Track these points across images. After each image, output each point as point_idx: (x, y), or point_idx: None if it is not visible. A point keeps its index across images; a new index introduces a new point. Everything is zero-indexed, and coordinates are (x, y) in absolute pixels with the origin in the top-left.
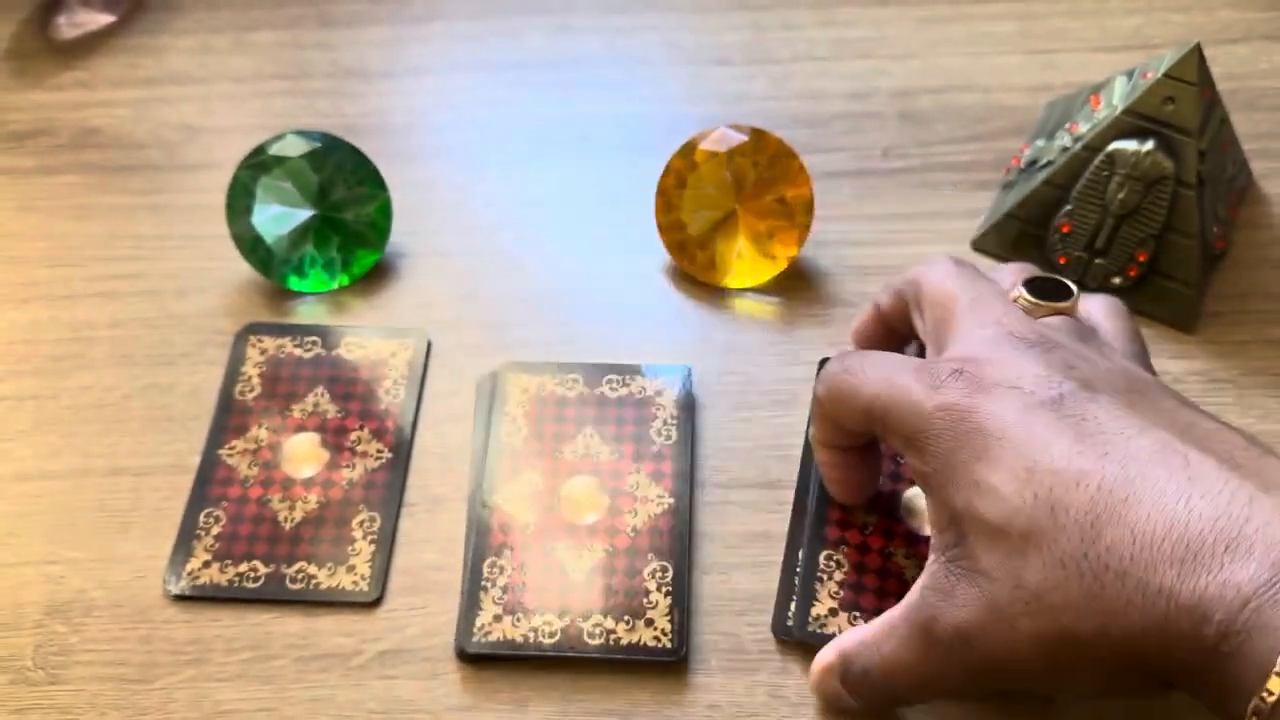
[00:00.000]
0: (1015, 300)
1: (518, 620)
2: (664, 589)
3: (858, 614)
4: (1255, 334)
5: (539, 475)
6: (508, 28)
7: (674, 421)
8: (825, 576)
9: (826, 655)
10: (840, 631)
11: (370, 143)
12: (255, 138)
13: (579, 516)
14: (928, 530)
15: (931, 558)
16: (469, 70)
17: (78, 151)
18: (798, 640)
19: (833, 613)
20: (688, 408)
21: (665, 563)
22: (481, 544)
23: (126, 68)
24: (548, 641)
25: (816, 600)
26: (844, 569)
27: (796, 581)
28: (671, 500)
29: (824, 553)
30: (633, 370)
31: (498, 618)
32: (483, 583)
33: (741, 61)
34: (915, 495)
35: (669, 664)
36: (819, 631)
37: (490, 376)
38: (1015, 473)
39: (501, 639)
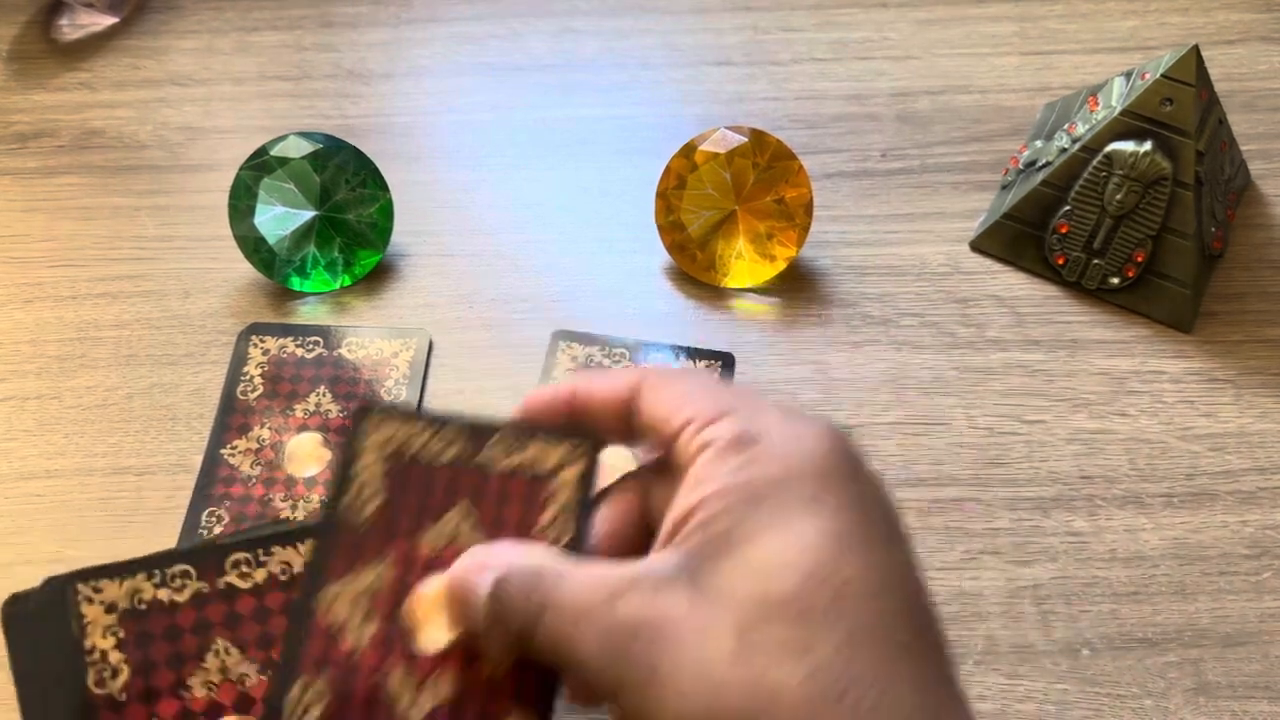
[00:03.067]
0: None
1: None
2: None
3: None
4: (1252, 334)
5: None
6: (508, 30)
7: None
8: None
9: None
10: None
11: (372, 144)
12: (257, 139)
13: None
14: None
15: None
16: (470, 72)
17: (80, 153)
18: None
19: None
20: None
21: None
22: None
23: (129, 69)
24: None
25: None
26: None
27: None
28: None
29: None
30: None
31: None
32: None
33: (741, 63)
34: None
35: None
36: None
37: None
38: None
39: None
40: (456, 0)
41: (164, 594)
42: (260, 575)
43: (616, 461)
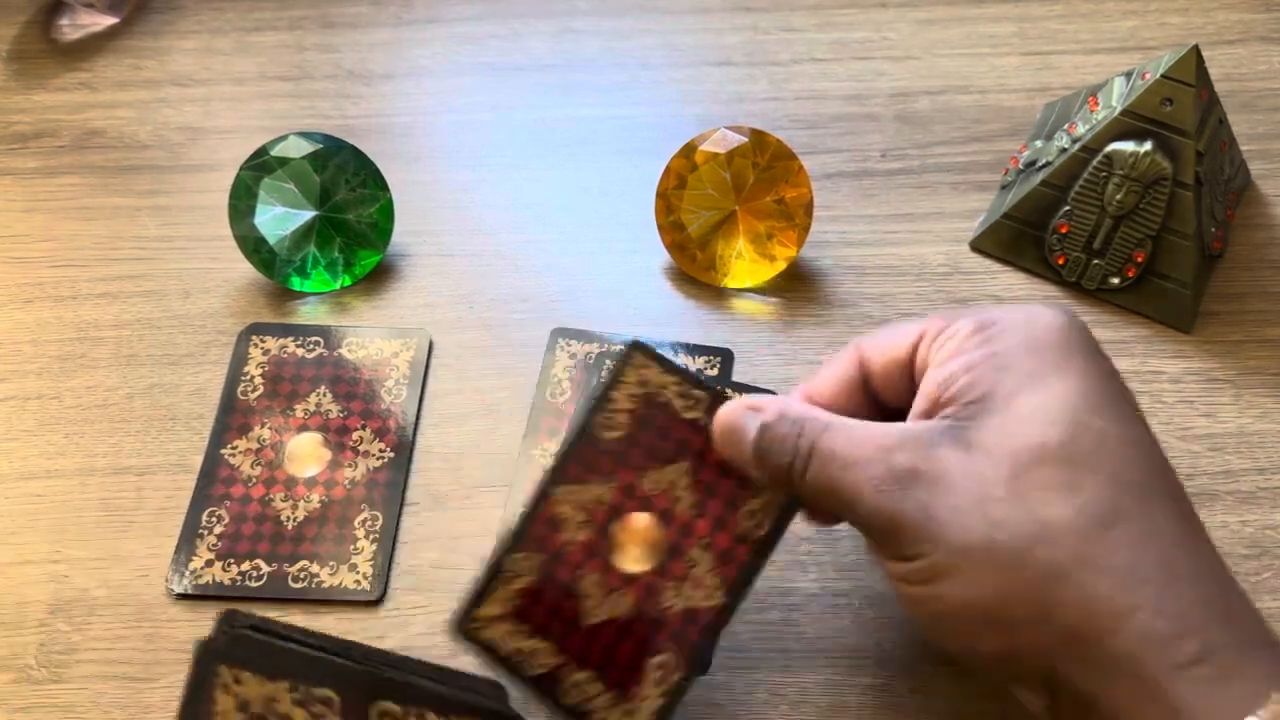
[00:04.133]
0: None
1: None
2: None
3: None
4: (1252, 334)
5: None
6: (508, 30)
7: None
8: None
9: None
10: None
11: (372, 144)
12: (258, 139)
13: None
14: None
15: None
16: (470, 72)
17: (81, 153)
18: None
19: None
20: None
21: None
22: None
23: (129, 69)
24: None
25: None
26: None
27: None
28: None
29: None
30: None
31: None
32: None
33: (741, 63)
34: None
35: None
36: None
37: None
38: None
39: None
40: (456, 0)
41: (299, 715)
42: None
43: None
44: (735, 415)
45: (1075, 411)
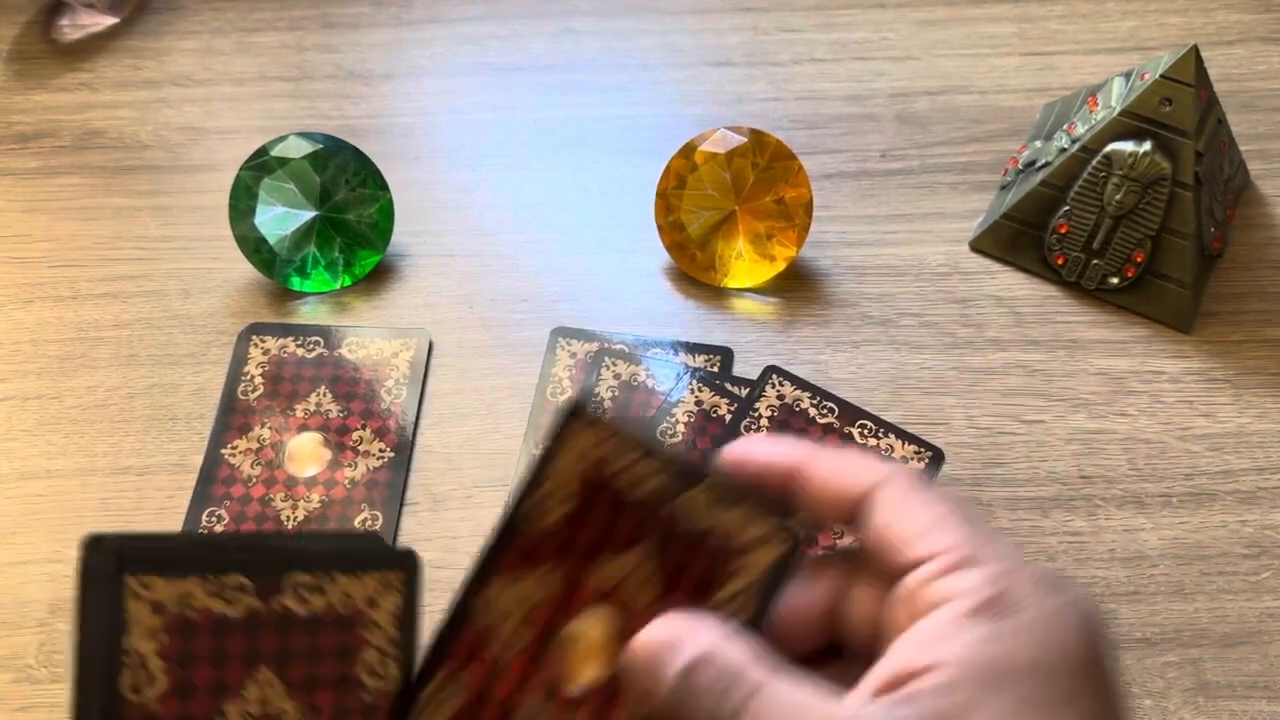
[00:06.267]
0: None
1: None
2: None
3: None
4: (1252, 334)
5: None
6: (508, 31)
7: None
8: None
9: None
10: None
11: (372, 144)
12: (258, 139)
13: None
14: None
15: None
16: (470, 73)
17: (81, 153)
18: None
19: None
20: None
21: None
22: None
23: (129, 69)
24: None
25: None
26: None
27: None
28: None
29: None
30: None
31: None
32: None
33: (741, 63)
34: None
35: None
36: None
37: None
38: None
39: None
40: (457, 1)
41: (216, 604)
42: (319, 603)
43: None
44: (652, 649)
45: None
